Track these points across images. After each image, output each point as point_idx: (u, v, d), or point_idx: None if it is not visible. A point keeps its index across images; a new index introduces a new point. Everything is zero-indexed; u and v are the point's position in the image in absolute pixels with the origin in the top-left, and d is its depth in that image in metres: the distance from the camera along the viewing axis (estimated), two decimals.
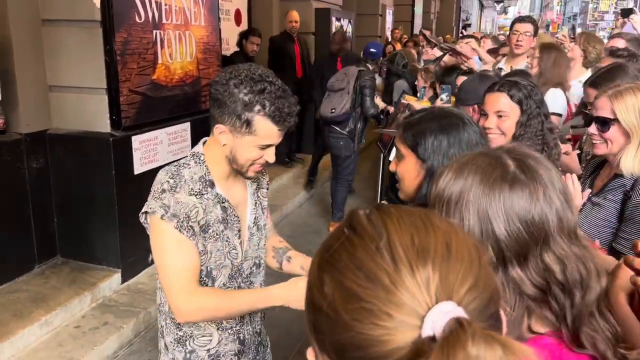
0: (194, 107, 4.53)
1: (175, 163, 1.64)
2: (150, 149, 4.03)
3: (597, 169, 2.17)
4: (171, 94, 4.21)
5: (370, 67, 5.44)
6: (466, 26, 21.17)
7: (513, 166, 0.94)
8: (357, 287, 0.57)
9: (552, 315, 0.92)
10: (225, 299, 1.60)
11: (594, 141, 1.99)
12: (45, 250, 3.90)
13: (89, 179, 3.79)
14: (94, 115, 3.76)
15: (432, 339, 0.53)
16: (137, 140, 3.90)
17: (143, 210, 1.59)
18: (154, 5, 3.91)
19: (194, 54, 4.44)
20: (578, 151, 2.61)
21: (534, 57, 3.46)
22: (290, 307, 1.53)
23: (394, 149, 2.89)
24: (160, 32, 4.01)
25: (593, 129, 1.97)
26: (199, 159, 1.63)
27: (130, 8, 3.72)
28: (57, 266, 3.93)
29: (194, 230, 1.56)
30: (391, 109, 5.59)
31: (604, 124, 1.93)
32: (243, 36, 6.03)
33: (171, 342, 1.73)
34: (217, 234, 1.62)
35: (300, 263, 1.81)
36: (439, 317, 0.54)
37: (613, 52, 3.32)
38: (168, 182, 1.56)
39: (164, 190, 1.55)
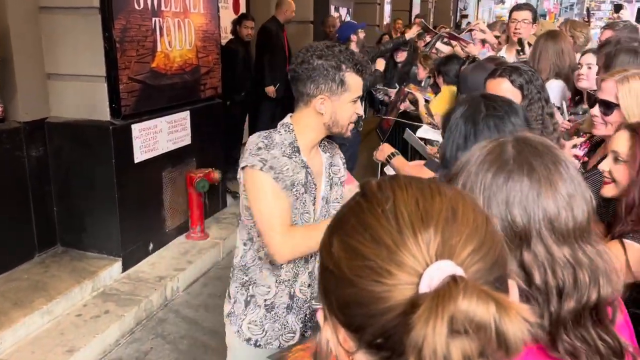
0: (194, 95, 4.51)
1: (266, 130, 1.83)
2: (150, 137, 4.01)
3: (594, 148, 2.22)
4: (171, 82, 4.18)
5: (355, 49, 5.29)
6: (463, 17, 21.03)
7: (509, 153, 0.88)
8: (362, 246, 0.60)
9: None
10: (313, 233, 1.73)
11: (595, 122, 2.04)
12: (45, 239, 3.88)
13: (89, 168, 3.78)
14: (93, 104, 3.73)
15: (427, 294, 0.54)
16: (137, 129, 3.88)
17: (242, 166, 1.74)
18: None
19: (193, 42, 4.41)
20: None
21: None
22: None
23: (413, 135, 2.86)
24: (159, 20, 3.98)
25: (596, 110, 2.01)
26: (288, 127, 1.81)
27: None
28: (57, 255, 3.92)
29: (286, 184, 1.74)
30: (392, 92, 5.54)
31: (608, 107, 1.97)
32: (236, 22, 5.94)
33: (236, 287, 1.93)
34: (297, 195, 1.79)
35: None
36: (436, 274, 0.55)
37: (604, 44, 3.25)
38: (263, 141, 1.75)
39: (259, 148, 1.73)
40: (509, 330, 0.51)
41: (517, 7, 3.98)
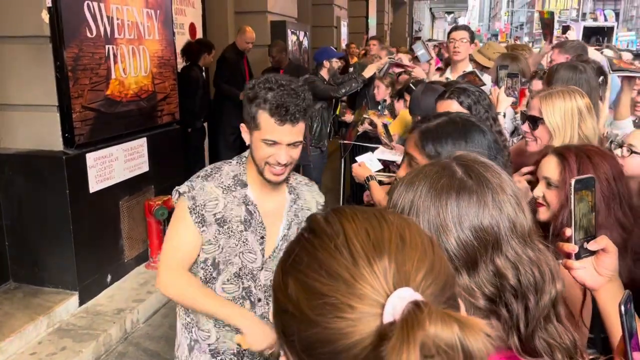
0: (150, 122, 4.45)
1: (228, 160, 1.78)
2: (105, 166, 3.93)
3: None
4: (126, 109, 4.12)
5: (325, 76, 5.36)
6: (417, 39, 21.52)
7: (460, 172, 0.93)
8: (320, 284, 0.59)
9: (500, 326, 0.89)
10: (195, 292, 1.68)
11: (527, 139, 2.14)
12: None
13: (42, 199, 3.66)
14: (45, 134, 3.64)
15: (393, 323, 0.55)
16: (91, 158, 3.80)
17: (176, 189, 1.71)
18: (105, 19, 3.83)
19: (149, 69, 4.37)
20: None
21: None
22: (244, 340, 1.64)
23: (365, 156, 2.91)
24: (113, 47, 3.93)
25: (526, 126, 2.13)
26: (242, 159, 1.75)
27: (81, 23, 3.63)
28: (9, 291, 3.76)
29: (204, 219, 1.66)
30: (350, 117, 5.60)
31: (534, 122, 2.08)
32: (204, 51, 5.83)
33: (180, 327, 1.83)
34: (232, 232, 1.68)
35: None
36: (398, 303, 0.56)
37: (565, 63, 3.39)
38: (207, 170, 1.72)
39: (198, 176, 1.70)
40: (473, 347, 0.53)
41: (455, 28, 4.22)
